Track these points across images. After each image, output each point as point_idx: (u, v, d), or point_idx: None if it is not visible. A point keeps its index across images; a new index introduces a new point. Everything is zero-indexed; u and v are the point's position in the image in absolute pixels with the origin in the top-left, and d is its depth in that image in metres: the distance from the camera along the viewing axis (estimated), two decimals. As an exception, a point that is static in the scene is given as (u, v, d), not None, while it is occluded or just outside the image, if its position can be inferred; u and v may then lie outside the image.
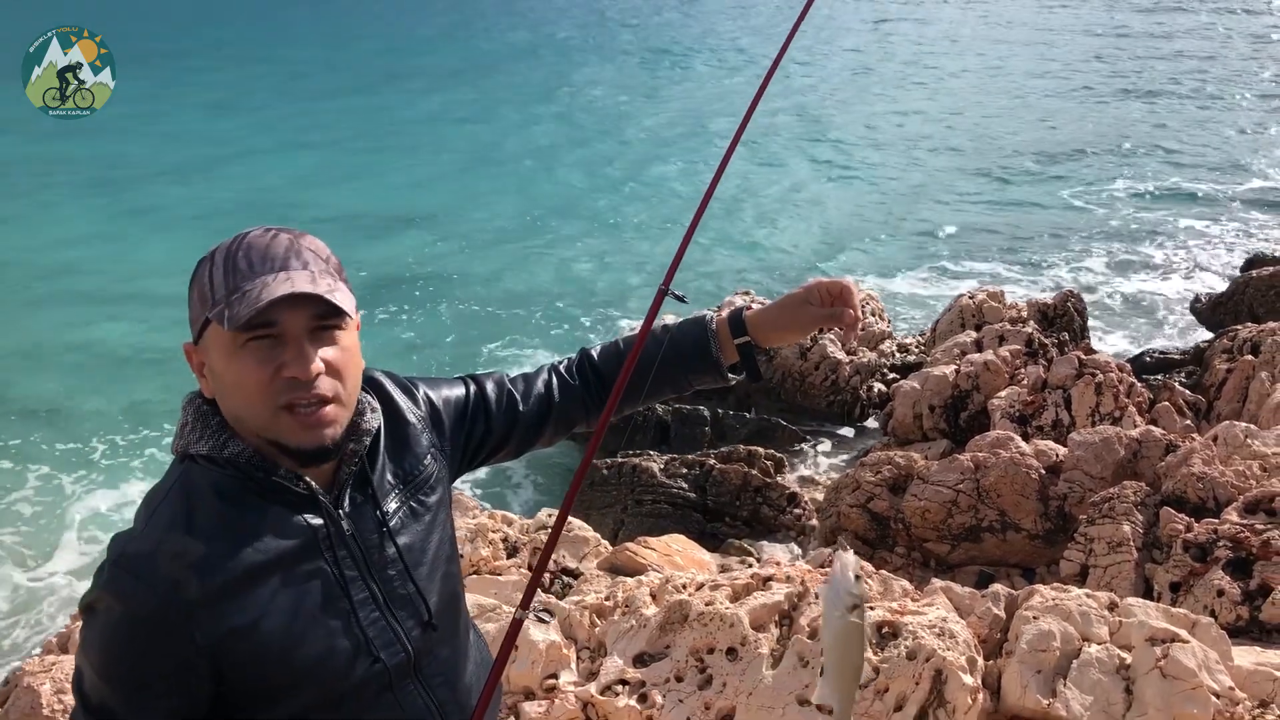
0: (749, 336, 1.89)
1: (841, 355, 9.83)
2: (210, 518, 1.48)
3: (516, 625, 1.59)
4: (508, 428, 1.89)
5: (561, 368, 1.97)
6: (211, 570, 1.45)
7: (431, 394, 1.82)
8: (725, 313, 1.93)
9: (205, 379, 1.54)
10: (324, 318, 1.50)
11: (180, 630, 1.43)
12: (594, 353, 1.97)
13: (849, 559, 1.66)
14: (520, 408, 1.89)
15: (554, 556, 5.17)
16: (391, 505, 1.65)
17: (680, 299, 1.98)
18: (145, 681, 1.45)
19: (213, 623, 1.44)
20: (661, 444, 9.08)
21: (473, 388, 1.89)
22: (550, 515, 5.76)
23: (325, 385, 1.50)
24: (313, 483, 1.56)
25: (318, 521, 1.55)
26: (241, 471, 1.51)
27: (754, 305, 1.95)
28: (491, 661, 1.91)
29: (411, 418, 1.74)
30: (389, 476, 1.66)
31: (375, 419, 1.65)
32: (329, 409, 1.51)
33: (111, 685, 1.46)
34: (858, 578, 1.65)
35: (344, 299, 1.51)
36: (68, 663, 4.31)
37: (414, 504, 1.68)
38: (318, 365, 1.48)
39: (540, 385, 1.93)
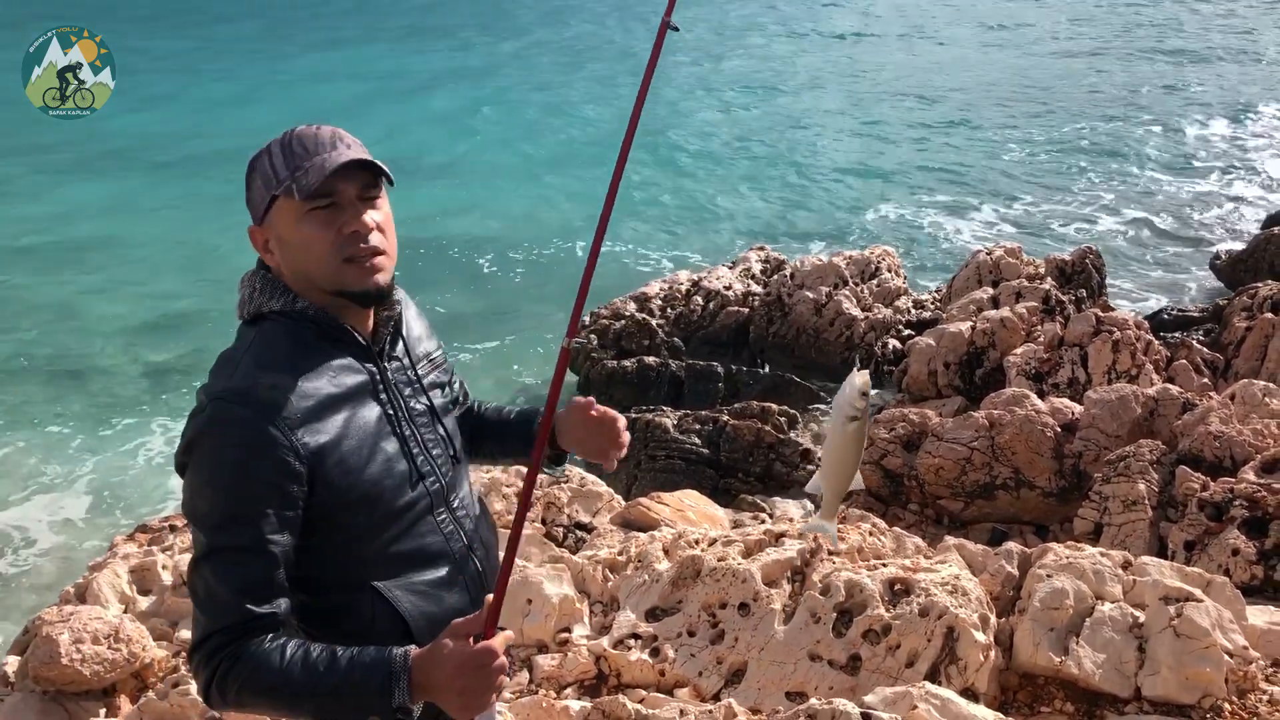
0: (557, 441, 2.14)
1: (856, 311, 9.77)
2: (291, 358, 1.77)
3: (565, 354, 1.99)
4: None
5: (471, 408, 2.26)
6: (302, 395, 1.73)
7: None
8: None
9: (271, 253, 1.83)
10: (368, 188, 1.81)
11: (284, 443, 1.68)
12: (482, 411, 2.26)
13: (856, 377, 1.89)
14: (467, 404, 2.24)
15: (567, 511, 5.18)
16: (421, 369, 1.98)
17: (676, 29, 2.20)
18: (257, 492, 1.68)
19: (309, 437, 1.71)
20: (675, 400, 9.08)
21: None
22: (563, 469, 5.76)
23: (376, 239, 1.81)
24: (363, 337, 1.86)
25: (371, 367, 1.86)
26: (312, 321, 1.81)
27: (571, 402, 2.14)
28: (495, 540, 2.14)
29: (425, 319, 2.08)
30: (416, 349, 1.99)
31: (401, 294, 1.97)
32: (380, 259, 1.81)
33: (228, 500, 1.69)
34: (864, 394, 1.90)
35: (384, 166, 1.82)
36: (85, 613, 4.35)
37: (436, 374, 2.02)
38: (370, 222, 1.80)
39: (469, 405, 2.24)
